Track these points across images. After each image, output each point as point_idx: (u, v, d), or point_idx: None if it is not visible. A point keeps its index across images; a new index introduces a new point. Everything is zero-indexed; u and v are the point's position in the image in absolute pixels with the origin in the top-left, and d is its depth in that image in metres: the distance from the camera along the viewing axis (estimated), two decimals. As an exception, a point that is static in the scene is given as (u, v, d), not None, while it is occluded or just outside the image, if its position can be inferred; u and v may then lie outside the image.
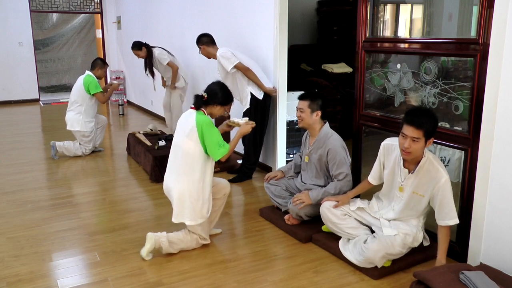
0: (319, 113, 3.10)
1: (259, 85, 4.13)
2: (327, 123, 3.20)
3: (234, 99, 3.03)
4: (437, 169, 2.50)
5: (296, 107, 3.16)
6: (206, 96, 2.83)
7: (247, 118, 3.09)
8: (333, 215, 2.88)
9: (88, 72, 5.25)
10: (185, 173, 2.79)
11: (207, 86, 2.92)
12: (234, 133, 3.32)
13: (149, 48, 5.45)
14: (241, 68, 4.10)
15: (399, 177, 2.66)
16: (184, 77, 5.57)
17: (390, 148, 2.72)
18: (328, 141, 3.08)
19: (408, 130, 2.44)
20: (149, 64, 5.44)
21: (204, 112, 2.84)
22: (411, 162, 2.58)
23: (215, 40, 4.39)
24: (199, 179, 2.79)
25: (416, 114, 2.46)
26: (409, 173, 2.61)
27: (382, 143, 2.77)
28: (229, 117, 3.28)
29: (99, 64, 5.27)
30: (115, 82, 5.67)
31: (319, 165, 3.18)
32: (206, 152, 2.80)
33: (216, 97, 2.85)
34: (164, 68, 5.49)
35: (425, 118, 2.43)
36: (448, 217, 2.52)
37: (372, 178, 2.86)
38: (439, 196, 2.51)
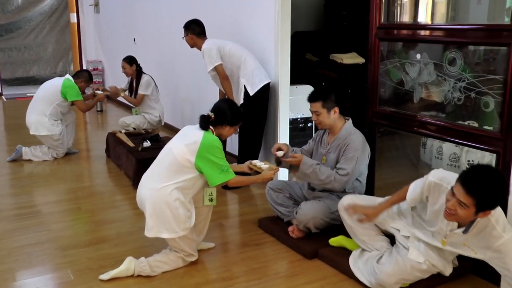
0: (337, 109, 3.14)
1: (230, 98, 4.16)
2: (350, 120, 3.22)
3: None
4: (493, 227, 2.28)
5: (310, 110, 3.17)
6: (213, 116, 2.86)
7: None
8: (348, 217, 2.83)
9: (68, 76, 5.27)
10: (166, 180, 2.74)
11: (214, 105, 2.97)
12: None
13: (139, 70, 5.51)
14: (220, 73, 4.15)
15: (444, 225, 2.43)
16: (161, 115, 5.58)
17: (438, 189, 2.44)
18: (350, 138, 3.11)
19: (457, 189, 2.18)
20: (136, 87, 5.50)
21: (213, 131, 2.86)
22: None
23: (207, 28, 4.36)
24: (181, 188, 2.76)
25: (474, 174, 2.18)
26: (458, 227, 2.40)
27: (429, 179, 2.47)
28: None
29: (85, 77, 5.36)
30: (100, 92, 5.62)
31: (335, 165, 3.17)
32: (198, 169, 2.77)
33: (224, 117, 2.89)
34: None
35: (484, 186, 2.13)
36: None
37: (411, 201, 2.61)
38: (502, 260, 2.31)
